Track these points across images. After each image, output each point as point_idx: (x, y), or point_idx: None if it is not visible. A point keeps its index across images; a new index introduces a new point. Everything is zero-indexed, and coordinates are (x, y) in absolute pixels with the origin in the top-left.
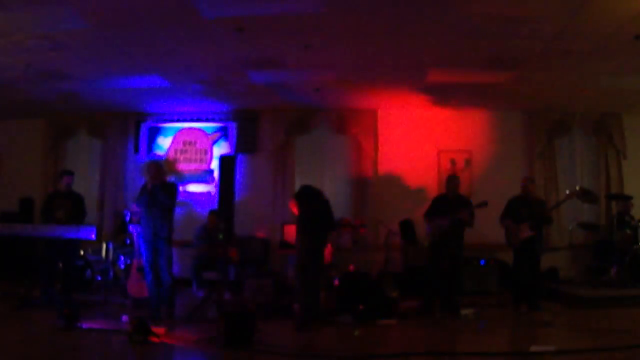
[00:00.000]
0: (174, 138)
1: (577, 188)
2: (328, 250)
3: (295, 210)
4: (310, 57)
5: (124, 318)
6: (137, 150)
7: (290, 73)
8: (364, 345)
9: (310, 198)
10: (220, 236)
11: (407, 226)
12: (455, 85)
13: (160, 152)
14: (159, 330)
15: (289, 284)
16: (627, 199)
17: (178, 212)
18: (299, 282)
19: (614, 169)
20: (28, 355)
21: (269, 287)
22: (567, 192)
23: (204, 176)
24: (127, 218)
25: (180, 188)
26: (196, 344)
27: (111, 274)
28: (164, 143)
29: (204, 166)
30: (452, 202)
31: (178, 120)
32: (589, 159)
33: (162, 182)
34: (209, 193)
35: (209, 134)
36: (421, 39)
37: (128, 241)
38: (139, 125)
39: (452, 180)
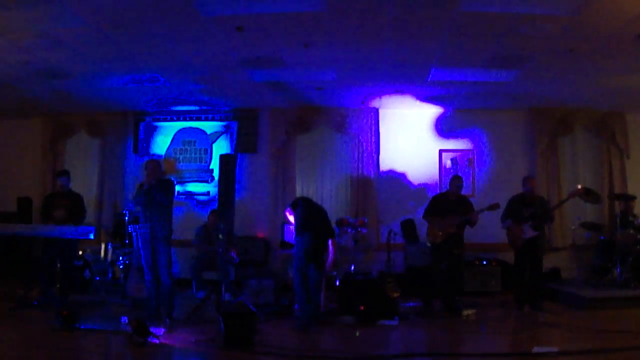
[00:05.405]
0: (174, 137)
1: (579, 187)
2: (331, 257)
3: (291, 219)
4: (310, 55)
5: (124, 319)
6: (136, 149)
7: (290, 72)
8: (364, 346)
9: (308, 205)
10: (220, 236)
11: (408, 226)
12: (457, 84)
13: (159, 152)
14: (159, 331)
15: (289, 284)
16: (630, 198)
17: (178, 212)
18: (298, 283)
19: (616, 168)
20: (26, 356)
21: (269, 287)
22: (569, 192)
23: (204, 176)
24: (126, 218)
25: (180, 188)
26: (196, 344)
27: (110, 274)
28: (163, 142)
29: (203, 166)
30: (453, 203)
31: (177, 120)
32: (592, 158)
33: (159, 179)
34: (208, 193)
35: (209, 133)
36: (422, 38)
37: (127, 241)
38: (138, 124)
39: (456, 180)
